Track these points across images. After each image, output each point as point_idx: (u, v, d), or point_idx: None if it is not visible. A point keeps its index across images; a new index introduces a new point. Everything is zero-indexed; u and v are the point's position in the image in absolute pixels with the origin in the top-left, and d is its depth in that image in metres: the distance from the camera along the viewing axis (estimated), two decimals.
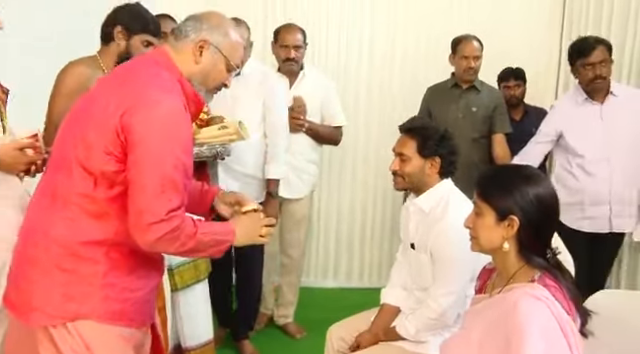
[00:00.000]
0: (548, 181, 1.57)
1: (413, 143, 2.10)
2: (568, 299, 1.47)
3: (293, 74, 3.20)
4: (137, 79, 1.59)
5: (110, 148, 1.51)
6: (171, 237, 1.52)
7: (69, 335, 1.55)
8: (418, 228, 2.15)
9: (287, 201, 3.28)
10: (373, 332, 2.18)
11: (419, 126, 2.15)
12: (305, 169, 3.29)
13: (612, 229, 2.78)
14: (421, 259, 2.11)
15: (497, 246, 1.55)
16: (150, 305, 1.73)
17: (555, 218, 1.55)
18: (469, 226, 1.63)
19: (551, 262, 1.53)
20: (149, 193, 1.48)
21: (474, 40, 3.29)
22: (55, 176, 1.61)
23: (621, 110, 2.82)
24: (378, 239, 4.12)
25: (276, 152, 2.96)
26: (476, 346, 1.51)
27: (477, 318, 1.58)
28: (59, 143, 1.65)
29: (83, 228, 1.55)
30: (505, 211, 1.52)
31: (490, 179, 1.62)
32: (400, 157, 2.13)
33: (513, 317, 1.42)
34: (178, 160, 1.52)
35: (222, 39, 1.66)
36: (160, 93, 1.55)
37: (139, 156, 1.49)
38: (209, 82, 1.69)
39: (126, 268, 1.60)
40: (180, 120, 1.55)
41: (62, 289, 1.56)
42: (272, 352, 2.32)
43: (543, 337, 1.37)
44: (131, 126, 1.49)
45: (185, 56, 1.65)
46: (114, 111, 1.51)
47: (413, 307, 2.15)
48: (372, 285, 4.01)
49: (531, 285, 1.47)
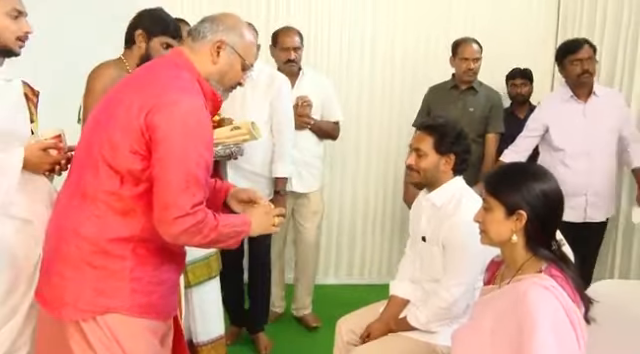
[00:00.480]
0: (554, 178, 1.67)
1: (430, 139, 2.18)
2: (573, 288, 1.57)
3: (293, 75, 3.32)
4: (158, 80, 1.67)
5: (135, 147, 1.58)
6: (195, 230, 1.59)
7: (98, 328, 1.62)
8: (430, 222, 2.23)
9: (301, 195, 3.42)
10: (384, 321, 2.25)
11: (438, 124, 2.23)
12: (313, 164, 3.43)
13: (586, 219, 2.98)
14: (433, 251, 2.19)
15: (506, 239, 1.64)
16: (174, 298, 1.81)
17: (560, 213, 1.65)
18: (479, 220, 1.72)
19: (556, 254, 1.63)
20: (174, 189, 1.55)
21: (473, 43, 3.41)
22: (82, 175, 1.67)
23: (602, 109, 3.03)
24: (379, 236, 4.22)
25: (283, 151, 3.06)
26: (488, 334, 1.60)
27: (487, 308, 1.67)
28: (84, 143, 1.72)
29: (111, 225, 1.62)
30: (513, 206, 1.61)
31: (499, 176, 1.71)
32: (417, 152, 2.21)
33: (523, 306, 1.51)
34: (200, 157, 1.59)
35: (238, 39, 1.74)
36: (181, 93, 1.62)
37: (163, 154, 1.56)
38: (226, 81, 1.77)
39: (152, 263, 1.68)
40: (201, 118, 1.62)
41: (93, 284, 1.63)
42: (288, 344, 2.38)
43: (552, 326, 1.47)
44: (154, 125, 1.56)
45: (202, 56, 1.72)
46: (138, 112, 1.58)
47: (422, 299, 2.22)
48: (373, 282, 4.13)
49: (539, 275, 1.56)
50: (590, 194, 2.96)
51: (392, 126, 4.05)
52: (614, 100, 3.10)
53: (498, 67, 3.75)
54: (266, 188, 3.08)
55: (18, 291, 1.94)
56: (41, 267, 1.76)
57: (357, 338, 2.30)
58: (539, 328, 1.45)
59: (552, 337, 1.46)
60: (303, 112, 3.23)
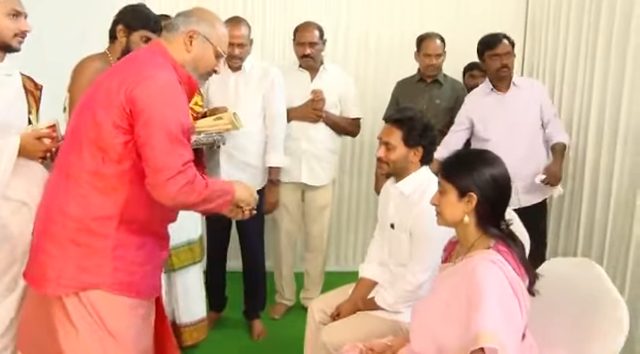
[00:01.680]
0: (502, 163, 1.81)
1: (399, 133, 2.26)
2: (518, 262, 1.71)
3: (313, 69, 3.41)
4: (135, 63, 1.82)
5: (118, 122, 1.70)
6: (189, 189, 1.71)
7: (81, 304, 1.73)
8: (398, 209, 2.32)
9: (310, 189, 3.50)
10: (352, 302, 2.37)
11: (405, 117, 2.29)
12: (326, 158, 3.48)
13: (521, 204, 3.08)
14: (401, 238, 2.29)
15: (459, 220, 1.78)
16: (156, 279, 1.93)
17: (508, 195, 1.79)
18: (435, 203, 1.86)
19: (505, 232, 1.77)
20: (161, 151, 1.68)
21: (437, 38, 3.51)
22: (67, 158, 1.80)
23: (522, 99, 3.17)
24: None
25: (276, 141, 3.17)
26: (443, 306, 1.74)
27: (443, 283, 1.81)
28: (71, 129, 1.85)
29: (94, 204, 1.73)
30: (465, 189, 1.75)
31: (452, 162, 1.85)
32: (386, 145, 2.29)
33: (472, 278, 1.65)
34: (178, 120, 1.72)
35: (209, 29, 1.88)
36: (156, 69, 1.77)
37: (145, 121, 1.69)
38: (201, 68, 1.89)
39: (134, 243, 1.80)
40: (176, 89, 1.76)
41: (76, 261, 1.73)
42: (299, 334, 2.49)
43: (497, 295, 1.61)
44: (134, 98, 1.69)
45: (177, 46, 1.85)
46: (117, 89, 1.71)
47: (389, 280, 2.34)
48: None
49: (487, 251, 1.70)
50: (519, 181, 3.01)
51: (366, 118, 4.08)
52: (533, 90, 3.23)
53: (467, 61, 3.84)
54: (260, 179, 3.20)
55: (17, 263, 2.04)
56: (30, 247, 1.87)
57: (328, 317, 2.40)
58: (485, 297, 1.59)
59: (497, 305, 1.59)
60: (316, 106, 3.31)
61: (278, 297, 3.67)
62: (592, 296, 1.77)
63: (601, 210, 3.20)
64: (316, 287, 3.67)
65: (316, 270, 3.67)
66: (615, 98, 3.14)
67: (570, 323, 1.76)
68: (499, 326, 1.57)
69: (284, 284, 3.64)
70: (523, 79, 3.34)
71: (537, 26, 3.99)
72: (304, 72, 3.40)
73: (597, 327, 1.68)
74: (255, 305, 3.39)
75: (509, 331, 1.59)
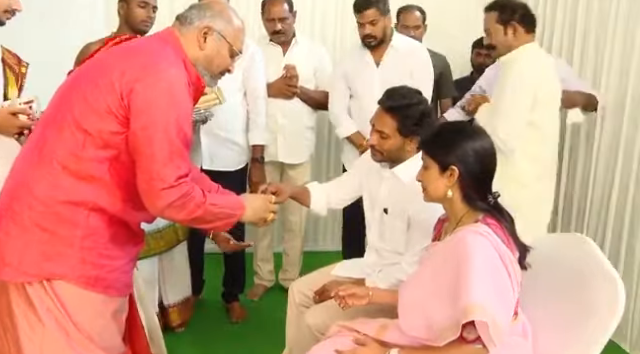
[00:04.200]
0: (486, 136, 1.77)
1: (393, 122, 2.10)
2: (507, 235, 1.67)
3: (285, 43, 3.30)
4: (144, 50, 1.68)
5: (112, 108, 1.57)
6: (181, 203, 1.60)
7: (45, 293, 1.59)
8: (392, 195, 2.19)
9: (288, 166, 3.42)
10: (340, 282, 2.25)
11: (401, 105, 2.11)
12: (303, 134, 3.40)
13: None
14: (395, 225, 2.18)
15: (442, 194, 1.74)
16: (128, 275, 1.79)
17: (492, 167, 1.75)
18: (419, 179, 1.81)
19: (491, 205, 1.73)
20: (158, 160, 1.56)
21: (416, 10, 3.46)
22: (44, 133, 1.65)
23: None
24: None
25: (258, 118, 3.08)
26: (430, 281, 1.71)
27: (429, 260, 1.78)
28: (55, 102, 1.70)
29: (65, 187, 1.59)
30: (446, 163, 1.72)
31: (433, 136, 1.81)
32: (379, 134, 2.13)
33: (459, 251, 1.62)
34: (181, 129, 1.60)
35: (225, 25, 1.73)
36: (166, 64, 1.62)
37: (146, 123, 1.55)
38: (213, 68, 1.75)
39: (106, 235, 1.66)
40: (183, 90, 1.62)
41: (40, 247, 1.59)
42: (280, 315, 2.43)
43: (486, 267, 1.58)
44: (136, 91, 1.55)
45: (190, 41, 1.71)
46: (119, 75, 1.57)
47: (376, 262, 2.27)
48: None
49: (475, 224, 1.67)
50: None
51: None
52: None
53: (438, 36, 3.73)
54: (243, 155, 3.12)
55: None
56: None
57: (308, 300, 2.34)
58: (474, 269, 1.56)
59: (487, 277, 1.56)
60: (290, 81, 3.21)
61: (256, 278, 3.61)
62: (585, 272, 1.74)
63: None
64: (295, 268, 3.63)
65: (295, 250, 3.62)
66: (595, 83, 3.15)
67: (562, 300, 1.73)
68: (489, 299, 1.54)
69: (262, 265, 3.58)
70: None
71: None
72: (276, 46, 3.29)
73: (592, 304, 1.65)
74: (234, 287, 3.34)
75: (500, 304, 1.57)
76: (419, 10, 3.49)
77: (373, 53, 3.11)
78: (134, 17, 2.63)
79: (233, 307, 3.30)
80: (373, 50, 3.10)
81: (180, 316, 2.92)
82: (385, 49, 3.10)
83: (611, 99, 3.08)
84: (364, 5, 2.96)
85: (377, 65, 3.12)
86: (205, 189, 1.74)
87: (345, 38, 4.01)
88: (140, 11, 2.62)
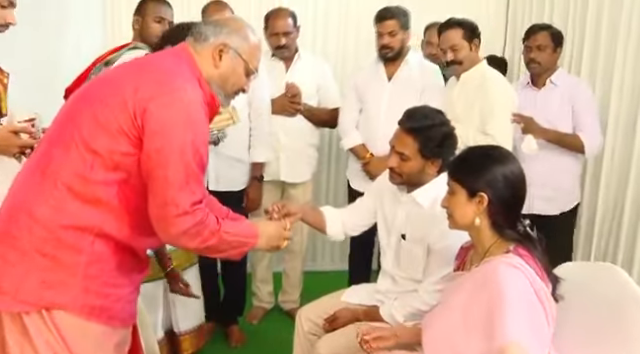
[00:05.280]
0: (515, 161, 1.69)
1: (415, 144, 1.99)
2: (540, 267, 1.58)
3: (288, 58, 3.20)
4: (159, 67, 1.58)
5: (124, 128, 1.47)
6: (195, 231, 1.51)
7: (44, 326, 1.48)
8: (411, 220, 2.09)
9: (289, 185, 3.31)
10: (353, 310, 2.19)
11: (423, 126, 2.00)
12: (305, 152, 3.31)
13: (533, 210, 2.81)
14: (414, 251, 2.07)
15: (470, 221, 1.66)
16: (133, 305, 1.68)
17: (523, 194, 1.67)
18: (445, 205, 1.72)
19: (522, 234, 1.64)
20: (173, 185, 1.47)
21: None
22: (49, 152, 1.54)
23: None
24: None
25: (261, 135, 2.98)
26: (459, 315, 1.61)
27: (456, 291, 1.68)
28: (61, 120, 1.60)
29: (69, 211, 1.49)
30: (474, 189, 1.63)
31: (460, 161, 1.73)
32: (400, 156, 2.03)
33: (492, 283, 1.52)
34: (198, 152, 1.51)
35: (242, 43, 1.65)
36: (181, 81, 1.53)
37: (161, 145, 1.46)
38: (228, 87, 1.67)
39: (111, 262, 1.55)
40: (199, 110, 1.53)
41: (40, 275, 1.48)
42: (281, 339, 2.29)
43: (521, 302, 1.48)
44: (150, 110, 1.46)
45: (204, 59, 1.62)
46: (132, 93, 1.48)
47: (393, 291, 2.16)
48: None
49: (507, 255, 1.58)
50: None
51: None
52: (572, 89, 2.97)
53: None
54: (245, 174, 3.01)
55: None
56: None
57: (317, 328, 2.24)
58: (509, 305, 1.47)
59: (522, 313, 1.48)
60: (293, 98, 3.12)
61: (255, 300, 3.48)
62: (620, 304, 1.64)
63: None
64: (296, 289, 3.51)
65: (295, 271, 3.50)
66: (604, 98, 3.10)
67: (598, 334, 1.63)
68: (525, 336, 1.45)
69: (261, 286, 3.45)
70: (565, 76, 3.04)
71: (518, 24, 3.88)
72: (278, 62, 3.20)
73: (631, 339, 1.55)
74: (234, 310, 3.21)
75: (536, 342, 1.48)
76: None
77: (387, 67, 3.07)
78: (149, 32, 2.55)
79: (232, 331, 3.17)
80: (387, 64, 3.06)
81: (192, 344, 2.73)
82: (399, 65, 3.05)
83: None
84: (386, 15, 2.96)
85: (389, 79, 3.06)
86: (216, 214, 1.64)
87: (348, 53, 3.93)
88: (156, 26, 2.56)
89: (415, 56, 3.11)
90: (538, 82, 2.98)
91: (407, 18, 3.00)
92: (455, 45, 2.79)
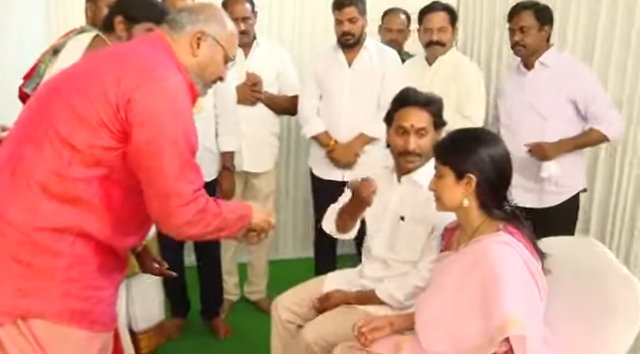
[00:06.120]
0: (501, 142, 1.72)
1: (430, 117, 2.03)
2: (529, 243, 1.63)
3: (246, 45, 3.11)
4: (138, 56, 1.51)
5: (105, 120, 1.40)
6: (200, 218, 1.48)
7: (20, 336, 1.40)
8: (406, 201, 2.08)
9: (252, 175, 3.25)
10: (344, 292, 2.18)
11: (431, 98, 2.05)
12: (267, 141, 3.25)
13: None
14: (415, 232, 2.05)
15: (458, 203, 1.68)
16: (113, 308, 1.61)
17: (509, 174, 1.70)
18: (432, 188, 1.74)
19: (509, 213, 1.68)
20: (171, 175, 1.43)
21: (401, 14, 3.45)
22: (18, 150, 1.45)
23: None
24: None
25: (228, 124, 2.91)
26: (451, 295, 1.63)
27: (447, 270, 1.70)
28: (29, 117, 1.50)
29: (44, 212, 1.40)
30: (462, 171, 1.66)
31: (447, 144, 1.75)
32: (419, 133, 2.02)
33: (485, 262, 1.56)
34: (188, 139, 1.47)
35: (219, 30, 1.60)
36: (165, 70, 1.48)
37: (151, 137, 1.41)
38: (207, 75, 1.62)
39: (93, 263, 1.48)
40: (185, 99, 1.49)
41: (15, 283, 1.40)
42: (247, 329, 2.24)
43: (516, 277, 1.52)
44: (135, 101, 1.40)
45: (182, 48, 1.56)
46: (113, 83, 1.41)
47: (388, 275, 2.14)
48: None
49: (497, 234, 1.62)
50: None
51: None
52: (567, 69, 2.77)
53: None
54: (214, 164, 2.92)
55: None
56: None
57: (296, 317, 2.22)
58: (505, 282, 1.50)
59: (518, 289, 1.51)
60: (254, 87, 3.06)
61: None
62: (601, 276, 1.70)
63: None
64: (262, 280, 3.47)
65: (261, 261, 3.46)
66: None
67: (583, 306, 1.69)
68: (523, 311, 1.49)
69: (227, 278, 3.38)
70: (556, 56, 2.82)
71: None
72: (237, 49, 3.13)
73: (613, 308, 1.61)
74: (214, 302, 3.16)
75: (532, 316, 1.52)
76: (404, 14, 3.45)
77: (346, 53, 3.05)
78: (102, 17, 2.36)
79: (217, 324, 3.12)
80: (346, 51, 3.05)
81: (150, 343, 2.65)
82: (358, 51, 3.04)
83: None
84: (344, 2, 2.92)
85: (349, 65, 3.05)
86: None
87: (304, 39, 3.87)
88: None
89: (372, 42, 3.12)
90: (528, 64, 2.84)
91: (364, 4, 3.00)
92: (444, 27, 2.98)
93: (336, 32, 3.02)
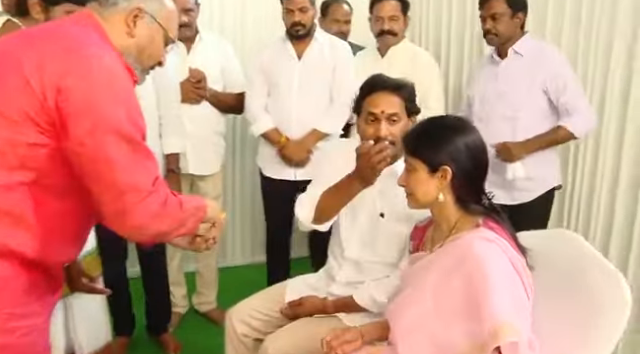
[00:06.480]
0: (474, 129, 1.59)
1: (401, 102, 1.86)
2: (511, 238, 1.51)
3: (188, 40, 2.91)
4: (63, 35, 1.29)
5: (30, 113, 1.20)
6: (163, 212, 1.30)
7: None
8: (386, 196, 1.87)
9: (198, 178, 3.05)
10: (321, 299, 2.00)
11: (401, 82, 1.88)
12: (213, 141, 3.04)
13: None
14: (395, 229, 1.87)
15: (433, 198, 1.55)
16: (46, 336, 1.41)
17: (485, 164, 1.58)
18: (402, 184, 1.60)
19: (487, 207, 1.55)
20: (120, 168, 1.23)
21: (344, 4, 3.32)
22: None
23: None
24: None
25: (173, 125, 2.69)
26: (430, 298, 1.49)
27: (424, 273, 1.56)
28: None
29: None
30: (436, 163, 1.52)
31: (417, 134, 1.60)
32: (390, 119, 1.84)
33: (469, 260, 1.42)
34: (136, 122, 1.27)
35: (158, 7, 1.41)
36: (95, 48, 1.26)
37: (92, 125, 1.20)
38: (144, 59, 1.42)
39: (17, 286, 1.27)
40: (124, 77, 1.29)
41: None
42: (198, 343, 2.04)
43: (502, 276, 1.40)
44: (68, 88, 1.19)
45: (115, 27, 1.36)
46: (35, 70, 1.20)
47: (358, 279, 1.97)
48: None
49: (478, 230, 1.49)
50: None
51: None
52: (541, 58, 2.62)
53: None
54: (160, 169, 2.68)
55: None
56: None
57: (252, 331, 2.04)
58: (492, 282, 1.37)
59: (506, 290, 1.38)
60: (197, 84, 2.87)
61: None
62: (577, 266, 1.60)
63: None
64: (211, 289, 3.26)
65: (209, 269, 3.25)
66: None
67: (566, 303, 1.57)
68: (514, 314, 1.36)
69: (174, 290, 3.14)
70: (531, 43, 2.66)
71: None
72: (178, 43, 2.90)
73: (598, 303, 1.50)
74: (162, 316, 2.93)
75: (521, 317, 1.39)
76: (347, 4, 3.33)
77: (296, 45, 2.89)
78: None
79: (166, 339, 2.90)
80: (295, 43, 2.89)
81: None
82: (308, 42, 2.89)
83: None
84: None
85: (299, 58, 2.89)
86: None
87: (247, 30, 3.68)
88: None
89: (322, 33, 2.97)
90: (501, 53, 2.70)
91: None
92: (395, 16, 2.93)
93: (285, 23, 2.86)
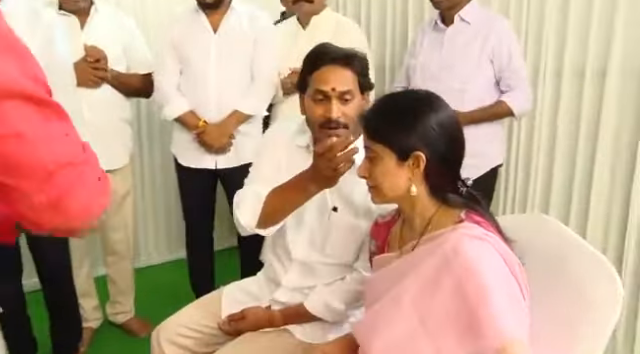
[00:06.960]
0: (446, 105, 1.34)
1: (354, 76, 1.60)
2: (497, 231, 1.29)
3: (82, 12, 2.48)
4: None
5: None
6: (105, 179, 1.08)
7: None
8: (339, 187, 1.57)
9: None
10: (266, 311, 1.73)
11: (351, 53, 1.61)
12: (118, 130, 2.65)
13: None
14: (351, 225, 1.65)
15: (404, 191, 1.31)
16: None
17: (461, 145, 1.34)
18: (364, 176, 1.34)
19: (467, 196, 1.33)
20: (41, 137, 0.92)
21: None
22: None
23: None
24: None
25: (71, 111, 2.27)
26: (410, 310, 1.25)
27: (397, 281, 1.31)
28: None
29: None
30: (407, 148, 1.27)
31: (379, 115, 1.34)
32: (342, 98, 1.58)
33: (457, 265, 1.18)
34: (35, 77, 0.93)
35: None
36: None
37: None
38: None
39: None
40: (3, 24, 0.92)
41: None
42: None
43: (499, 280, 1.18)
44: None
45: None
46: None
47: (310, 285, 1.73)
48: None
49: (463, 225, 1.26)
50: None
51: None
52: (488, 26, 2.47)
53: None
54: None
55: None
56: None
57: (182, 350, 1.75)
58: (492, 291, 1.15)
59: (504, 297, 1.17)
60: (96, 64, 2.46)
61: None
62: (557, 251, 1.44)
63: None
64: (128, 297, 2.91)
65: (124, 274, 2.88)
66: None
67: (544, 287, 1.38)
68: (518, 325, 1.17)
69: (84, 302, 2.77)
70: (478, 10, 2.51)
71: None
72: (69, 16, 2.48)
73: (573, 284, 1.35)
74: (71, 334, 2.58)
75: (523, 326, 1.20)
76: None
77: (210, 17, 2.56)
78: None
79: None
80: (210, 14, 2.56)
81: None
82: (224, 13, 2.57)
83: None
84: None
85: (215, 31, 2.56)
86: None
87: (148, 2, 3.26)
88: None
89: (242, 3, 2.65)
90: (447, 20, 2.51)
91: None
92: None
93: None
